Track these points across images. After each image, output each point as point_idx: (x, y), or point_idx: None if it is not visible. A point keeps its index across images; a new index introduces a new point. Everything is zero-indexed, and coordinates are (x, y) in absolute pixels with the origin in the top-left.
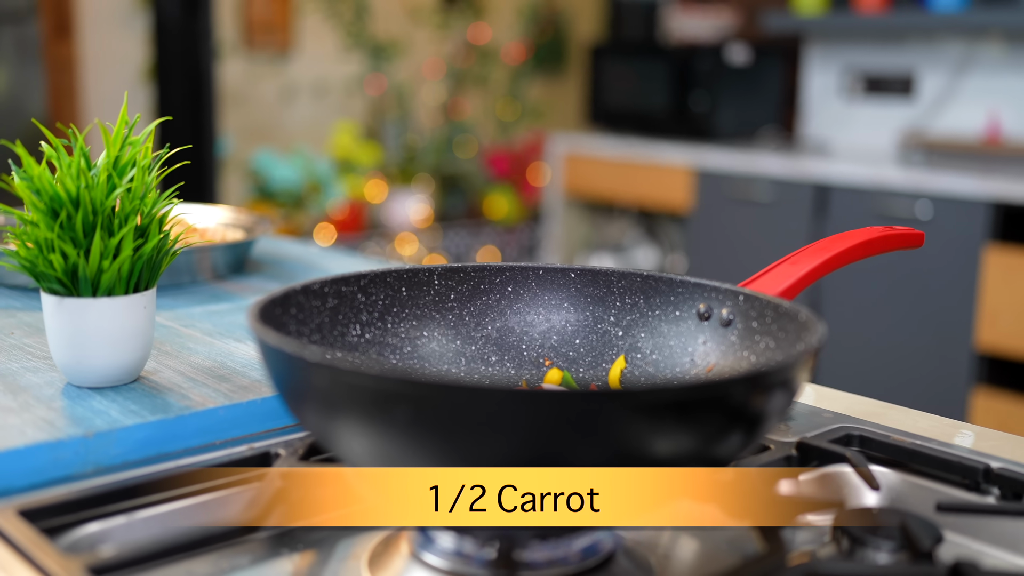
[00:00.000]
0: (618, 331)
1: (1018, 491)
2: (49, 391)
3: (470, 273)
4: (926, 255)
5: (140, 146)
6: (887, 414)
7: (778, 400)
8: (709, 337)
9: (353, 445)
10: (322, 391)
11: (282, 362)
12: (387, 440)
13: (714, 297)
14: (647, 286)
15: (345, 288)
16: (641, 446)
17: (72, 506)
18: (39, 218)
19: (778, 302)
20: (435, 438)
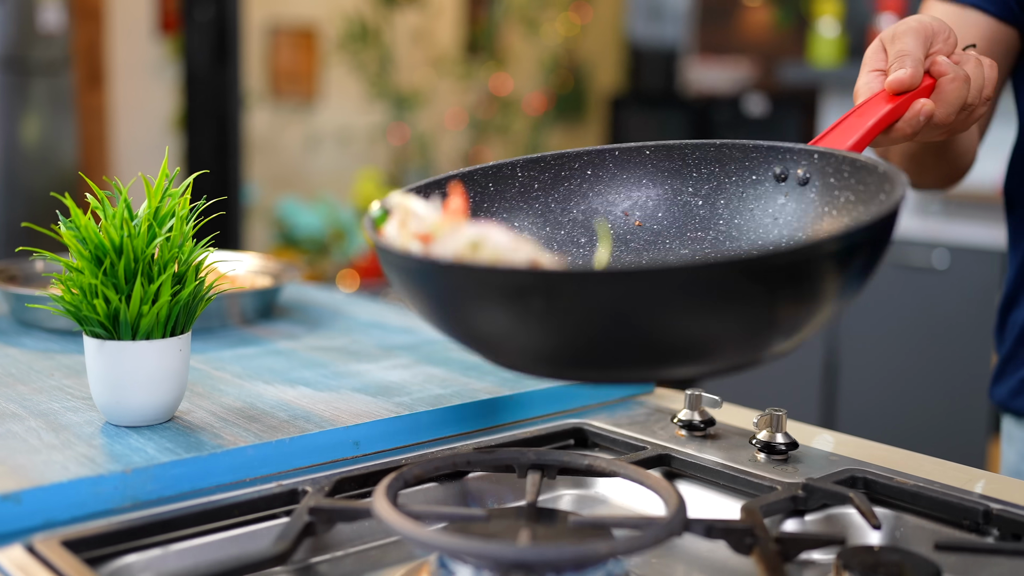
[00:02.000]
0: (698, 200)
1: (1017, 532)
2: (89, 429)
3: (550, 161)
4: (943, 303)
5: (179, 198)
6: (892, 458)
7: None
8: (788, 197)
9: (493, 340)
10: (458, 291)
11: (410, 269)
12: (523, 329)
13: (789, 158)
14: (721, 154)
15: (437, 191)
16: (765, 308)
17: (112, 538)
18: (84, 265)
19: (854, 156)
20: (569, 322)
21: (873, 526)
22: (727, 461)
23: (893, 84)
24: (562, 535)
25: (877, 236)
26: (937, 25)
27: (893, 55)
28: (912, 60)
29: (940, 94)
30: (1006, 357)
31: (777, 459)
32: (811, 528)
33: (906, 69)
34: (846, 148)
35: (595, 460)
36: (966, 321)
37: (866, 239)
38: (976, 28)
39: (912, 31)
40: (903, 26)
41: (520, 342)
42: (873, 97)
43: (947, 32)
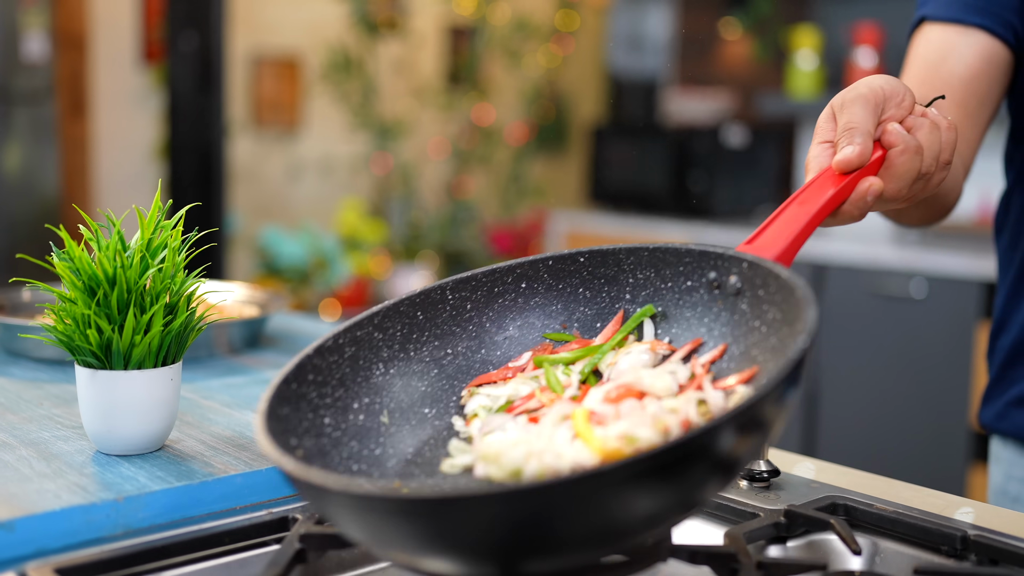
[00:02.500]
0: (635, 308)
1: (994, 557)
2: (80, 458)
3: (481, 279)
4: (921, 333)
5: (171, 230)
6: (872, 485)
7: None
8: (722, 306)
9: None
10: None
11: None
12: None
13: (721, 265)
14: (655, 259)
15: (360, 332)
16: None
17: (104, 565)
18: (77, 295)
19: (778, 272)
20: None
21: (854, 552)
22: None
23: (841, 164)
24: None
25: (777, 397)
26: (889, 89)
27: (841, 128)
28: (860, 134)
29: (890, 168)
30: (993, 380)
31: (759, 486)
32: (793, 554)
33: (853, 147)
34: (780, 251)
35: None
36: (944, 349)
37: (758, 410)
38: (977, 48)
39: (861, 99)
40: (852, 93)
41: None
42: (820, 176)
43: (900, 95)
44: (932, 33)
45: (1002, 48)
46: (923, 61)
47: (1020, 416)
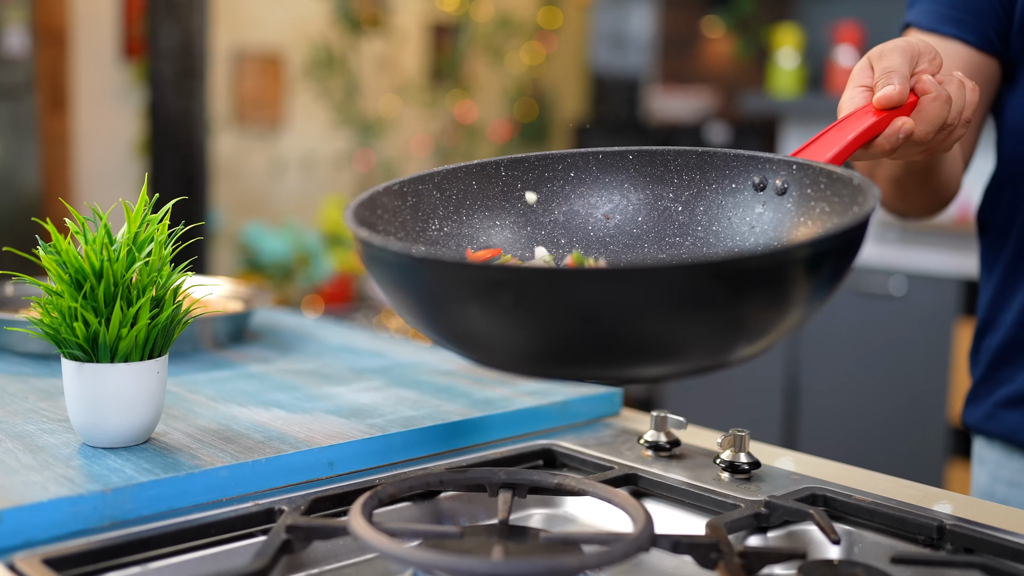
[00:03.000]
0: (678, 206)
1: (968, 546)
2: (67, 451)
3: (534, 162)
4: (901, 330)
5: (158, 224)
6: (852, 476)
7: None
8: (766, 206)
9: (463, 331)
10: (430, 286)
11: (388, 262)
12: (493, 323)
13: (768, 168)
14: (703, 161)
15: (422, 186)
16: (732, 312)
17: (92, 556)
18: (63, 289)
19: (830, 168)
20: (538, 319)
21: (833, 541)
22: (692, 480)
23: (882, 100)
24: (534, 551)
25: (844, 245)
26: (923, 46)
27: (880, 71)
28: (899, 77)
29: (921, 112)
30: (979, 381)
31: (740, 478)
32: (773, 543)
33: (894, 85)
34: (824, 160)
35: (564, 479)
36: (923, 346)
37: (833, 248)
38: (957, 59)
39: (899, 49)
40: (891, 45)
41: (493, 338)
42: (856, 111)
43: (932, 53)
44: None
45: (983, 57)
46: None
47: (1010, 418)
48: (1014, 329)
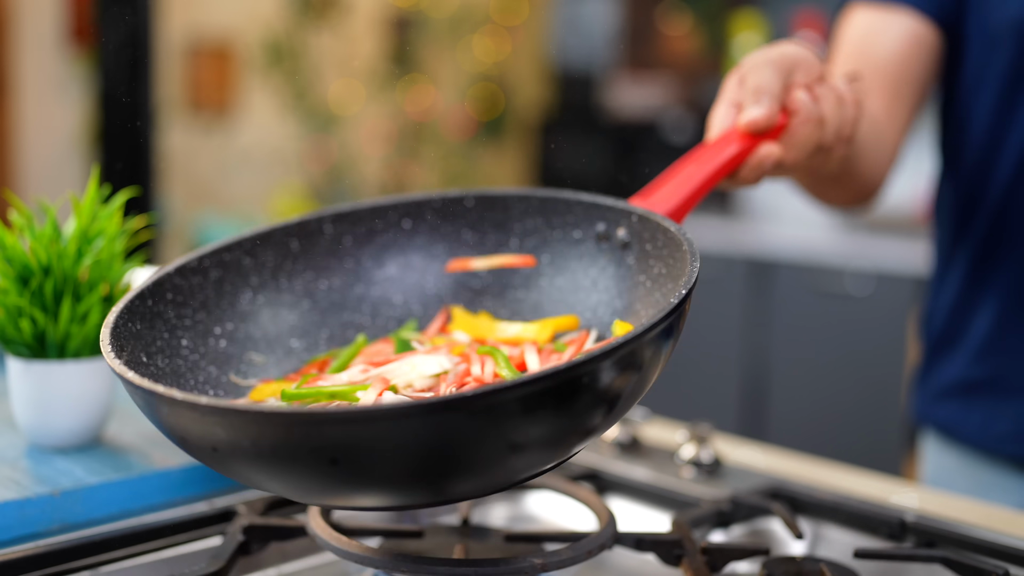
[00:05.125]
0: (520, 252)
1: (930, 540)
2: (12, 452)
3: (363, 214)
4: (863, 328)
5: (110, 218)
6: (816, 470)
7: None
8: (609, 260)
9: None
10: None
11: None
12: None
13: (611, 217)
14: (545, 207)
15: (228, 256)
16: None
17: (40, 560)
18: (9, 285)
19: (667, 226)
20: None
21: (796, 536)
22: (655, 476)
23: (748, 125)
24: (496, 550)
25: (618, 362)
26: (800, 56)
27: (750, 90)
28: (768, 96)
29: (791, 136)
30: (920, 372)
31: (703, 473)
32: (737, 539)
33: (761, 108)
34: (672, 207)
35: None
36: (883, 342)
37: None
38: (904, 29)
39: (771, 63)
40: (761, 57)
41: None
42: (722, 137)
43: (809, 63)
44: (859, 16)
45: (930, 29)
46: (850, 44)
47: (942, 409)
48: (946, 319)
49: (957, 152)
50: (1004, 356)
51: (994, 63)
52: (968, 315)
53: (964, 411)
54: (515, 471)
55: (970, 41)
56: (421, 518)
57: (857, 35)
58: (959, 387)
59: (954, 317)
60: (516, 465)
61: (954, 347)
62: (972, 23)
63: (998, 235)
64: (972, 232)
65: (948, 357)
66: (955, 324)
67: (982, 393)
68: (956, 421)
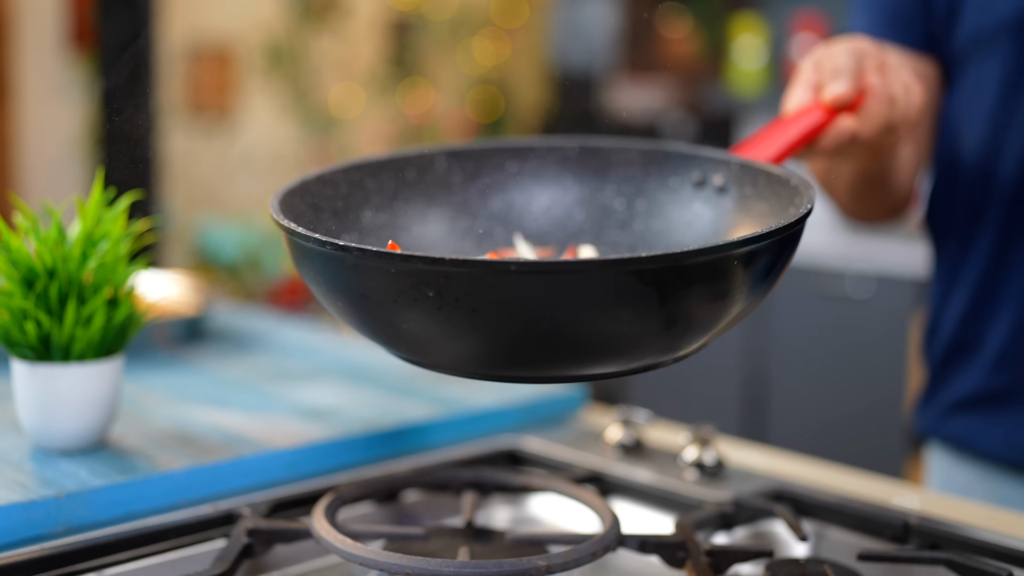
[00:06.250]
0: (618, 202)
1: (934, 542)
2: (17, 454)
3: (473, 153)
4: (864, 331)
5: (115, 221)
6: (819, 472)
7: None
8: (705, 204)
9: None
10: (355, 279)
11: (310, 252)
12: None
13: (708, 166)
14: (644, 158)
15: (356, 175)
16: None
17: (45, 563)
18: (14, 288)
19: (769, 168)
20: (465, 314)
21: (800, 538)
22: (658, 478)
23: (833, 100)
24: (500, 552)
25: (776, 246)
26: (868, 46)
27: (829, 71)
28: (848, 75)
29: (865, 112)
30: (929, 384)
31: (707, 475)
32: (740, 541)
33: (842, 83)
34: (765, 159)
35: (530, 478)
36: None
37: (764, 248)
38: (905, 66)
39: (847, 49)
40: (836, 45)
41: (423, 337)
42: (802, 110)
43: (876, 53)
44: None
45: (923, 63)
46: None
47: (956, 423)
48: (956, 331)
49: (955, 159)
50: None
51: (990, 67)
52: (982, 324)
53: (983, 424)
54: (668, 344)
55: (963, 52)
56: (425, 521)
57: None
58: (977, 399)
59: (965, 327)
60: (668, 339)
61: (968, 358)
62: (957, 35)
63: (1008, 241)
64: (980, 239)
65: (962, 369)
66: (967, 334)
67: (1004, 404)
68: (974, 435)
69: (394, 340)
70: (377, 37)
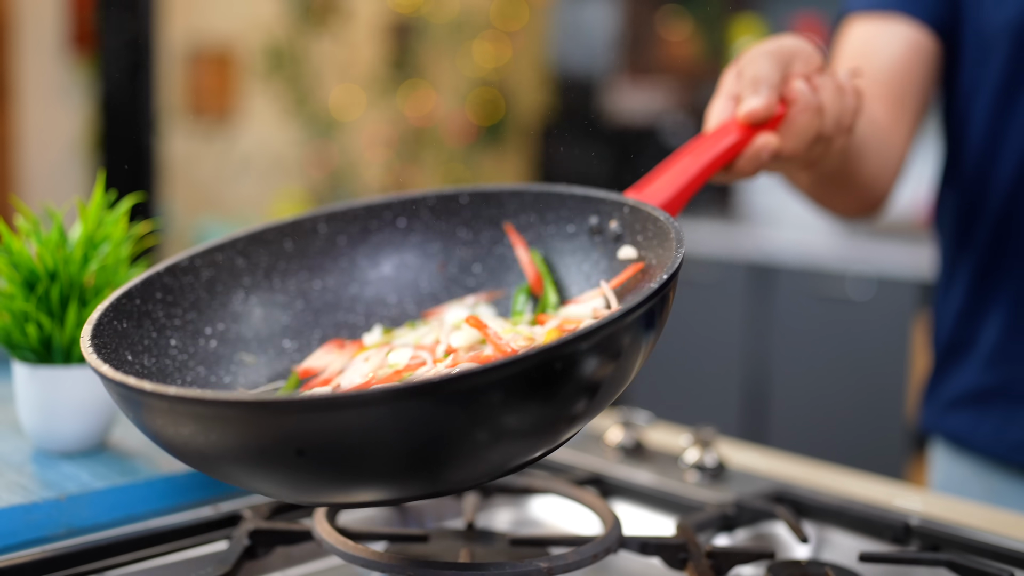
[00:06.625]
0: (516, 253)
1: (935, 543)
2: (19, 457)
3: (358, 213)
4: (865, 332)
5: (116, 223)
6: (819, 474)
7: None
8: (602, 253)
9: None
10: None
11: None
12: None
13: (603, 210)
14: (539, 202)
15: (220, 256)
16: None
17: (46, 565)
18: (15, 290)
19: (656, 215)
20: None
21: (801, 540)
22: (659, 480)
23: (747, 116)
24: (501, 554)
25: (597, 346)
26: (798, 47)
27: (748, 81)
28: (766, 87)
29: (789, 126)
30: (930, 381)
31: (708, 477)
32: (742, 543)
33: (759, 97)
34: (666, 199)
35: (531, 480)
36: (888, 349)
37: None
38: (902, 38)
39: (768, 54)
40: (760, 49)
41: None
42: (716, 130)
43: (808, 53)
44: (857, 27)
45: (928, 36)
46: (850, 55)
47: (954, 418)
48: (954, 328)
49: (957, 158)
50: (1015, 363)
51: (989, 68)
52: (976, 323)
53: (976, 420)
54: (497, 461)
55: (965, 46)
56: (427, 522)
57: (856, 46)
58: (970, 396)
59: (961, 325)
60: (496, 455)
61: (963, 356)
62: (967, 28)
63: (1002, 241)
64: (975, 239)
65: (958, 366)
66: (963, 332)
67: (994, 401)
68: (967, 431)
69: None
70: (377, 39)
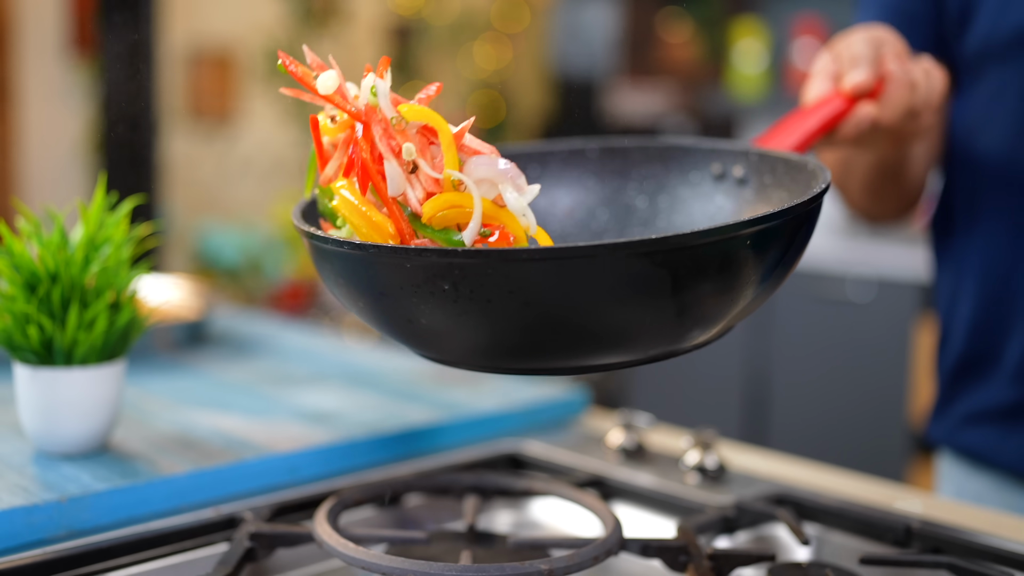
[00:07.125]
0: (640, 200)
1: (936, 546)
2: (19, 459)
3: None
4: (865, 335)
5: (117, 225)
6: (820, 477)
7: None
8: (726, 197)
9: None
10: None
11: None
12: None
13: (727, 158)
14: (664, 154)
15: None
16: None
17: (47, 567)
18: (16, 292)
19: (786, 155)
20: (478, 303)
21: (802, 542)
22: (660, 482)
23: (852, 88)
24: (502, 556)
25: (790, 225)
26: (886, 34)
27: (847, 59)
28: (866, 62)
29: (886, 98)
30: (941, 395)
31: (708, 479)
32: (742, 545)
33: (861, 72)
34: (785, 149)
35: (532, 482)
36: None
37: (777, 227)
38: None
39: (864, 37)
40: (854, 35)
41: (437, 329)
42: (822, 100)
43: (894, 41)
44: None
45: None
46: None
47: (971, 434)
48: (969, 341)
49: (970, 164)
50: None
51: (1013, 71)
52: (997, 336)
53: (1002, 436)
54: (682, 330)
55: (977, 57)
56: (427, 524)
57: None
58: (995, 412)
59: (979, 338)
60: (681, 324)
61: (984, 371)
62: (974, 40)
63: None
64: (992, 245)
65: (978, 381)
66: (982, 346)
67: (1022, 417)
68: (991, 447)
69: (414, 337)
70: (378, 41)
